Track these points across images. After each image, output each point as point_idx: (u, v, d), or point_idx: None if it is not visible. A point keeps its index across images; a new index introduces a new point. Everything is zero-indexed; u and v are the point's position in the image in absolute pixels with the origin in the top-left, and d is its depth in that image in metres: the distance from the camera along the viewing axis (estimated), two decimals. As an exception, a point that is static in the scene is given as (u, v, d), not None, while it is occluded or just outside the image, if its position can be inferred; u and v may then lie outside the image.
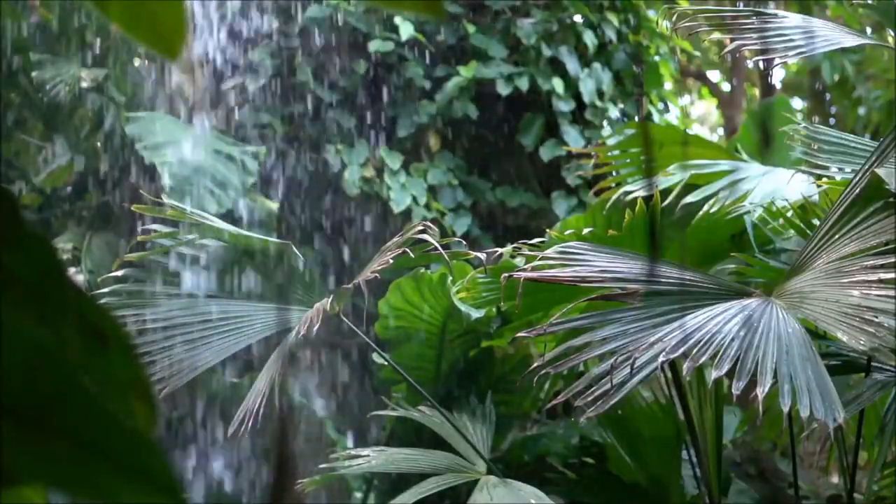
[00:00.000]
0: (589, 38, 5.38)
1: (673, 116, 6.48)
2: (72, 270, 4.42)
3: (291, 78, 5.14)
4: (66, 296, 0.55)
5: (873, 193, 2.27)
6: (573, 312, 2.41)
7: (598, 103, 5.39)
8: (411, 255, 2.65)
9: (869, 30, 6.34)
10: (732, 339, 2.04)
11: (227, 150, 4.69)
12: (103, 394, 0.54)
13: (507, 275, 2.49)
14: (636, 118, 5.63)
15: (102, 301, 2.72)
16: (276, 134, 5.10)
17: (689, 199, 3.01)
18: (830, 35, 2.73)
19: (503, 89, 5.19)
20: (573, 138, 5.24)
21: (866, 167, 2.35)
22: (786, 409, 1.95)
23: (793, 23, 2.72)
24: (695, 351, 2.03)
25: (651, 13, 5.82)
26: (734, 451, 3.95)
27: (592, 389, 2.11)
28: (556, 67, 5.35)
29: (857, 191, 2.31)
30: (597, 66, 5.43)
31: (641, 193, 3.01)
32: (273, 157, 5.05)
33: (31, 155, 4.94)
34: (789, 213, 2.78)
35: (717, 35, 2.74)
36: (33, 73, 4.61)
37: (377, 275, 2.64)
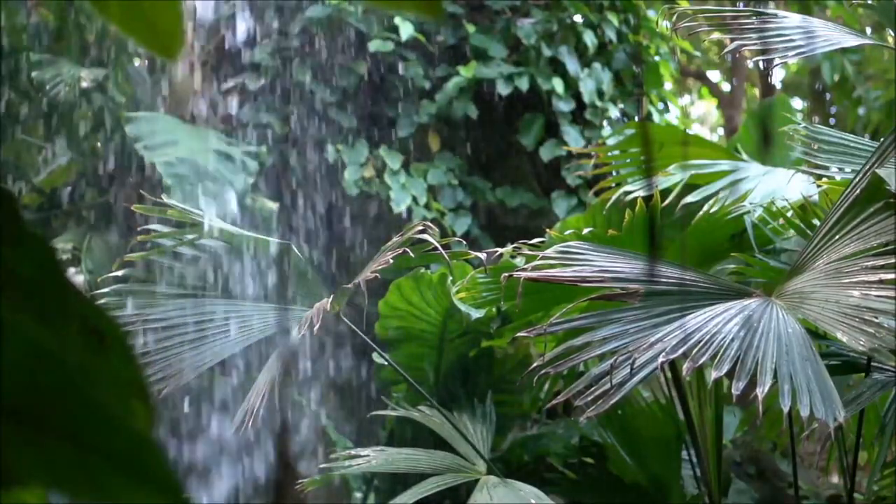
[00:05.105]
0: (589, 38, 5.37)
1: (673, 116, 6.48)
2: (72, 270, 4.42)
3: (291, 78, 5.14)
4: (65, 295, 0.55)
5: (873, 194, 2.27)
6: (573, 312, 2.41)
7: (598, 103, 5.39)
8: (411, 255, 2.65)
9: (869, 30, 6.35)
10: (732, 340, 2.04)
11: (227, 150, 4.69)
12: (102, 394, 0.54)
13: (506, 275, 2.48)
14: (636, 118, 5.63)
15: (102, 301, 2.72)
16: (276, 134, 5.10)
17: (689, 199, 3.01)
18: (830, 35, 2.73)
19: (503, 89, 5.19)
20: (573, 138, 5.24)
21: (866, 168, 2.35)
22: (786, 409, 1.95)
23: (793, 23, 2.72)
24: (695, 351, 2.03)
25: (651, 13, 5.82)
26: (734, 451, 3.95)
27: (592, 389, 2.11)
28: (556, 67, 5.34)
29: (858, 191, 2.31)
30: (597, 66, 5.42)
31: (641, 193, 3.01)
32: (273, 157, 5.05)
33: (31, 155, 4.94)
34: (789, 213, 2.78)
35: (717, 35, 2.74)
36: (33, 73, 4.61)
37: (377, 275, 2.64)
